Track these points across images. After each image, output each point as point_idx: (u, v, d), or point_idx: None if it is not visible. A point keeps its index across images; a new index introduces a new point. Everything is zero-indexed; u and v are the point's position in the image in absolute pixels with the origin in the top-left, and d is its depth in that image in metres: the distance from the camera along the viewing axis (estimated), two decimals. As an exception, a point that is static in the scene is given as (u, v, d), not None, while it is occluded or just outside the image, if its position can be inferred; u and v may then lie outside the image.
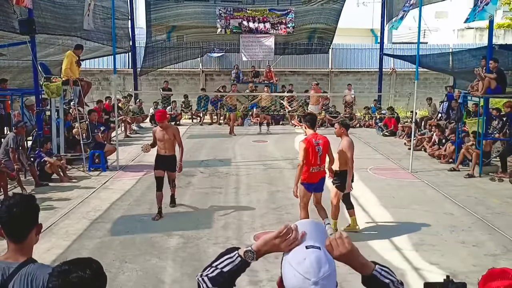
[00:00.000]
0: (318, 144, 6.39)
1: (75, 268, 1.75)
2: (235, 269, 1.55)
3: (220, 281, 1.53)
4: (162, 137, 7.60)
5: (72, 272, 1.73)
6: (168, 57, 20.01)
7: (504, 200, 8.74)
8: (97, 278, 1.79)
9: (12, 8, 10.01)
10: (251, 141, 14.82)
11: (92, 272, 1.77)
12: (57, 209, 8.08)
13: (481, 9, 9.95)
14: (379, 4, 21.24)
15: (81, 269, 1.74)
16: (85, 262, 1.81)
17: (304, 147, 6.33)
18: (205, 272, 1.57)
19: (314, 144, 6.35)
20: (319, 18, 19.64)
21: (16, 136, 9.24)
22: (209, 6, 19.53)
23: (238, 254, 1.56)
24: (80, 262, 1.80)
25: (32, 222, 2.29)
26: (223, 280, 1.54)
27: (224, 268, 1.55)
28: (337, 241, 1.52)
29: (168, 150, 7.66)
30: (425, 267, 5.87)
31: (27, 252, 2.28)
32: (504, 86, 10.78)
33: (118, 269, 5.75)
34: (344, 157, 6.75)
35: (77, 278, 1.72)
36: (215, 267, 1.56)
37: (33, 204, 2.33)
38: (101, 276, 1.81)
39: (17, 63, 13.44)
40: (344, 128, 6.99)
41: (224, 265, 1.56)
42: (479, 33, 24.84)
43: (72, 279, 1.71)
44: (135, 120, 17.33)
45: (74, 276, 1.72)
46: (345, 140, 6.84)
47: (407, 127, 15.00)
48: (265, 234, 1.57)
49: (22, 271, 2.18)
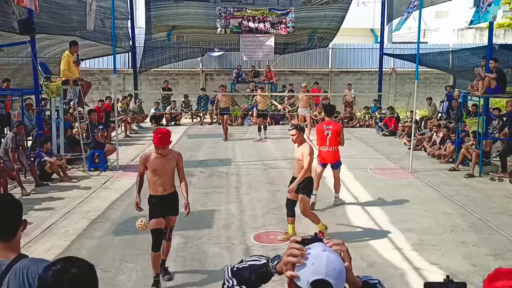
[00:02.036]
0: (328, 129, 7.78)
1: (71, 265, 1.74)
2: (257, 267, 1.57)
3: (239, 275, 1.57)
4: (160, 167, 5.22)
5: (69, 269, 1.72)
6: (167, 56, 20.02)
7: (504, 200, 8.74)
8: (93, 274, 1.78)
9: (11, 8, 10.02)
10: (251, 141, 14.82)
11: (88, 269, 1.76)
12: (57, 209, 8.08)
13: (484, 11, 9.93)
14: (379, 4, 21.27)
15: (77, 266, 1.73)
16: (79, 259, 1.80)
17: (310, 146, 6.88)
18: (235, 264, 1.63)
19: (324, 129, 7.80)
20: (321, 24, 19.73)
21: (15, 135, 9.24)
22: (209, 6, 19.55)
23: (267, 258, 1.61)
24: (74, 259, 1.79)
25: (18, 220, 2.33)
26: (244, 275, 1.57)
27: (249, 262, 1.60)
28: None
29: (168, 187, 5.31)
30: (425, 267, 5.87)
31: (16, 249, 2.32)
32: (504, 86, 10.78)
33: (118, 269, 5.75)
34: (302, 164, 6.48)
35: (75, 274, 1.70)
36: (243, 260, 1.63)
37: (17, 203, 2.37)
38: (95, 273, 1.80)
39: (14, 61, 13.45)
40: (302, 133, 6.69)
41: (251, 260, 1.62)
42: (479, 32, 24.83)
43: (70, 275, 1.70)
44: (135, 120, 17.34)
45: (72, 273, 1.70)
46: (304, 146, 6.53)
47: (407, 127, 14.99)
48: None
49: (15, 266, 2.20)
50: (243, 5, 19.60)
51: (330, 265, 1.44)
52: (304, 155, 6.42)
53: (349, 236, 6.89)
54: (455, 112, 14.26)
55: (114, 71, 11.89)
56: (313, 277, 1.41)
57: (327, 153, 8.00)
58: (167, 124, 18.05)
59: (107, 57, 19.24)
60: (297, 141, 6.61)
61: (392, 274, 5.68)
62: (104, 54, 18.49)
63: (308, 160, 6.37)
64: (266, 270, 1.56)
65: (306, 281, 1.42)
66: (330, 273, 1.42)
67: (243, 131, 16.74)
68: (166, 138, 5.17)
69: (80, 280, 1.71)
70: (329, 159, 8.05)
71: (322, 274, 1.42)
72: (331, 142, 7.90)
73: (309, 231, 6.23)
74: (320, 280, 1.41)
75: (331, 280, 1.41)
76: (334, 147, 7.97)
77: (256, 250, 6.34)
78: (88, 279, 1.75)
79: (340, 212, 8.01)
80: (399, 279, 5.58)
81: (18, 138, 9.43)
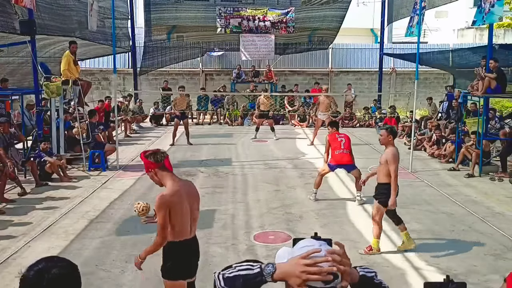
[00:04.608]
0: (340, 136, 8.41)
1: (53, 265, 1.69)
2: (251, 277, 1.52)
3: (233, 284, 1.52)
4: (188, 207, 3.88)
5: (50, 269, 1.67)
6: (168, 57, 20.02)
7: (504, 200, 8.74)
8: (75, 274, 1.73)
9: (13, 8, 10.03)
10: (251, 141, 14.82)
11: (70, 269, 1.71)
12: (56, 209, 8.08)
13: (488, 11, 9.90)
14: (379, 4, 21.26)
15: (58, 266, 1.69)
16: (61, 259, 1.75)
17: (327, 139, 8.47)
18: (224, 271, 1.57)
19: (336, 137, 8.39)
20: (322, 24, 19.73)
21: (2, 135, 9.13)
22: (209, 6, 19.55)
23: (260, 265, 1.56)
24: (56, 259, 1.74)
25: None
26: (237, 285, 1.52)
27: (241, 272, 1.54)
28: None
29: (194, 229, 4.04)
30: (425, 267, 5.87)
31: None
32: (504, 86, 10.79)
33: (118, 269, 5.75)
34: (387, 169, 6.13)
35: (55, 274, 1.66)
36: (234, 268, 1.56)
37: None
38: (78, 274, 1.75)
39: (13, 60, 13.44)
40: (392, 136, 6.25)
41: (243, 268, 1.55)
42: (479, 32, 24.82)
43: (50, 275, 1.65)
44: (135, 120, 17.34)
45: (53, 273, 1.66)
46: (390, 151, 6.14)
47: (407, 127, 14.99)
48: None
49: None
50: (243, 4, 19.60)
51: None
52: (389, 162, 6.06)
53: (349, 236, 6.90)
54: (455, 112, 14.26)
55: (114, 71, 11.89)
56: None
57: (342, 155, 8.23)
58: (167, 124, 18.06)
59: (107, 57, 19.23)
60: (383, 142, 6.27)
61: (392, 274, 5.68)
62: (104, 54, 18.49)
63: (394, 168, 6.04)
64: (260, 280, 1.53)
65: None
66: None
67: (243, 131, 16.73)
68: None
69: (60, 281, 1.66)
70: (344, 160, 8.26)
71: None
72: (346, 146, 8.27)
73: (309, 232, 6.23)
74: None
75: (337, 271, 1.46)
76: (348, 150, 8.28)
77: (256, 250, 6.34)
78: (69, 279, 1.70)
79: (341, 212, 8.01)
80: (399, 279, 5.58)
81: (7, 136, 9.33)
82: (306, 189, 9.17)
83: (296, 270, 1.46)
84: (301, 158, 12.36)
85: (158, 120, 18.56)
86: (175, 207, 3.75)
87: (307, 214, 7.84)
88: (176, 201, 3.76)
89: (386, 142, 6.21)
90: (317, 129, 14.19)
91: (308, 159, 12.19)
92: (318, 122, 14.22)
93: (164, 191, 3.78)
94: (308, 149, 13.50)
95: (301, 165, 11.49)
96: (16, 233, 6.95)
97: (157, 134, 16.36)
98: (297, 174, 10.59)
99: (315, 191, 8.54)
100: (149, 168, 3.83)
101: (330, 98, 14.33)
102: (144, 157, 3.84)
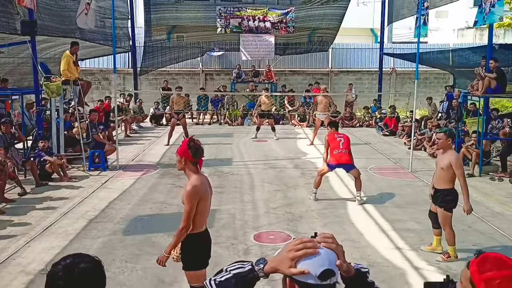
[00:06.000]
0: (339, 136, 8.43)
1: (80, 260, 1.74)
2: (243, 275, 1.52)
3: (226, 287, 1.51)
4: (208, 197, 4.16)
5: (78, 264, 1.72)
6: (168, 57, 20.03)
7: (504, 200, 8.74)
8: (101, 269, 1.79)
9: (15, 9, 10.02)
10: (251, 141, 14.82)
11: (96, 264, 1.77)
12: (56, 209, 8.08)
13: (488, 11, 9.91)
14: (379, 3, 21.26)
15: (85, 261, 1.75)
16: (86, 255, 1.80)
17: (326, 139, 8.52)
18: (215, 276, 1.56)
19: (335, 137, 8.41)
20: (321, 23, 19.73)
21: (3, 134, 9.15)
22: (209, 6, 19.54)
23: (251, 262, 1.56)
24: (82, 255, 1.80)
25: None
26: (229, 286, 1.51)
27: (233, 271, 1.54)
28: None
29: (206, 222, 4.27)
30: (425, 267, 5.87)
31: None
32: (504, 86, 10.79)
33: (118, 268, 5.74)
34: (450, 174, 5.83)
35: (84, 268, 1.71)
36: (225, 271, 1.56)
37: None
38: (102, 268, 1.81)
39: (13, 60, 13.45)
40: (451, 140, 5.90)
41: (234, 268, 1.55)
42: (479, 32, 24.83)
43: (79, 269, 1.71)
44: (135, 120, 17.34)
45: (81, 267, 1.71)
46: (452, 155, 5.84)
47: (407, 127, 14.99)
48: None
49: None
50: (243, 4, 19.60)
51: (330, 255, 1.49)
52: (454, 166, 5.73)
53: (350, 235, 6.89)
54: (455, 112, 14.26)
55: (114, 71, 11.88)
56: (320, 269, 1.44)
57: (340, 155, 8.26)
58: (167, 124, 18.05)
59: (107, 57, 19.23)
60: (441, 146, 5.94)
61: (392, 274, 5.68)
62: (104, 54, 18.49)
63: (461, 173, 5.76)
64: (253, 276, 1.52)
65: (314, 274, 1.44)
66: (331, 262, 1.47)
67: (243, 131, 16.73)
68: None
69: (89, 275, 1.73)
70: (342, 160, 8.27)
71: (325, 265, 1.45)
72: (344, 146, 8.30)
73: (310, 231, 6.23)
74: (326, 270, 1.44)
75: (333, 268, 1.46)
76: (347, 150, 8.30)
77: (256, 250, 6.34)
78: (96, 273, 1.77)
79: (341, 212, 8.01)
80: (399, 279, 5.58)
81: (8, 136, 9.35)
82: (306, 189, 9.18)
83: (285, 255, 1.48)
84: (302, 158, 12.36)
85: (158, 120, 18.56)
86: (204, 198, 4.03)
87: (307, 214, 7.84)
88: (204, 193, 4.04)
89: (445, 145, 5.84)
90: (317, 129, 14.20)
91: (308, 159, 12.20)
92: (318, 122, 14.22)
93: (193, 181, 3.98)
94: (308, 149, 13.51)
95: (302, 165, 11.50)
96: (16, 233, 6.95)
97: (157, 134, 16.36)
98: (297, 174, 10.59)
99: (315, 191, 8.56)
100: (183, 155, 4.04)
101: (328, 98, 14.31)
102: (186, 144, 4.03)
